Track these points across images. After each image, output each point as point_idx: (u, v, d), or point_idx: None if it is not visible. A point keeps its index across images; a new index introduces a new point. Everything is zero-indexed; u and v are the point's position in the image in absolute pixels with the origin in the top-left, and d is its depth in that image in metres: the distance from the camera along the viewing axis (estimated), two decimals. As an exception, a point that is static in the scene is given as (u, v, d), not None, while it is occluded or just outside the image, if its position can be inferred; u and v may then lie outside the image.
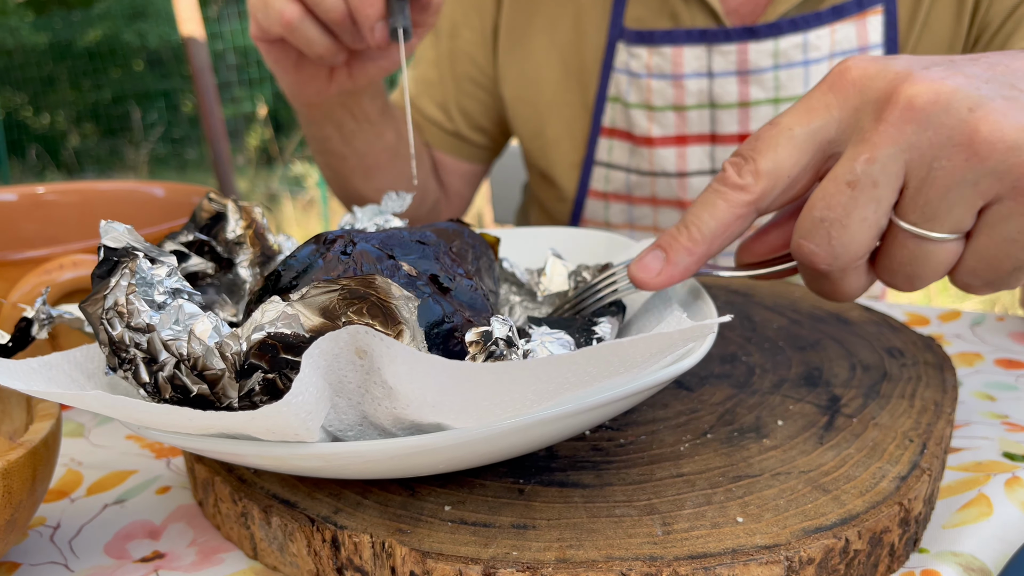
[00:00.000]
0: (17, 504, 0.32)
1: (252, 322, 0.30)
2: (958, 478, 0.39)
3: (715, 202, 0.37)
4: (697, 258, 0.38)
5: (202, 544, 0.38)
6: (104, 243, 0.33)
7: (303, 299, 0.30)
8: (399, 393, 0.28)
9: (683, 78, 0.71)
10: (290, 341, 0.29)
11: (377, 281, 0.30)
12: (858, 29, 0.68)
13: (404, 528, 0.33)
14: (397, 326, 0.30)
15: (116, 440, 0.49)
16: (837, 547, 0.31)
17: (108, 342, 0.31)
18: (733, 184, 0.37)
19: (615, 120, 0.77)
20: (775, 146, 0.36)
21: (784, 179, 0.36)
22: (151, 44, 6.41)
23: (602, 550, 0.31)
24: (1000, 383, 0.50)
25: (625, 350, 0.27)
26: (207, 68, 3.88)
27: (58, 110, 6.69)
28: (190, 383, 0.30)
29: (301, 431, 0.28)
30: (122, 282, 0.32)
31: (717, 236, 0.37)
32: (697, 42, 0.70)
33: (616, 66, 0.75)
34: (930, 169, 0.33)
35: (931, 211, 0.33)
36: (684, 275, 0.38)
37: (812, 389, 0.43)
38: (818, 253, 0.36)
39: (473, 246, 0.41)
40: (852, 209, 0.34)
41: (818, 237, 0.35)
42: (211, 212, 0.43)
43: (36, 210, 0.66)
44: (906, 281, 0.37)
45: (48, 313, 0.37)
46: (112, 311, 0.31)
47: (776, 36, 0.68)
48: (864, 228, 0.35)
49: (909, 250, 0.35)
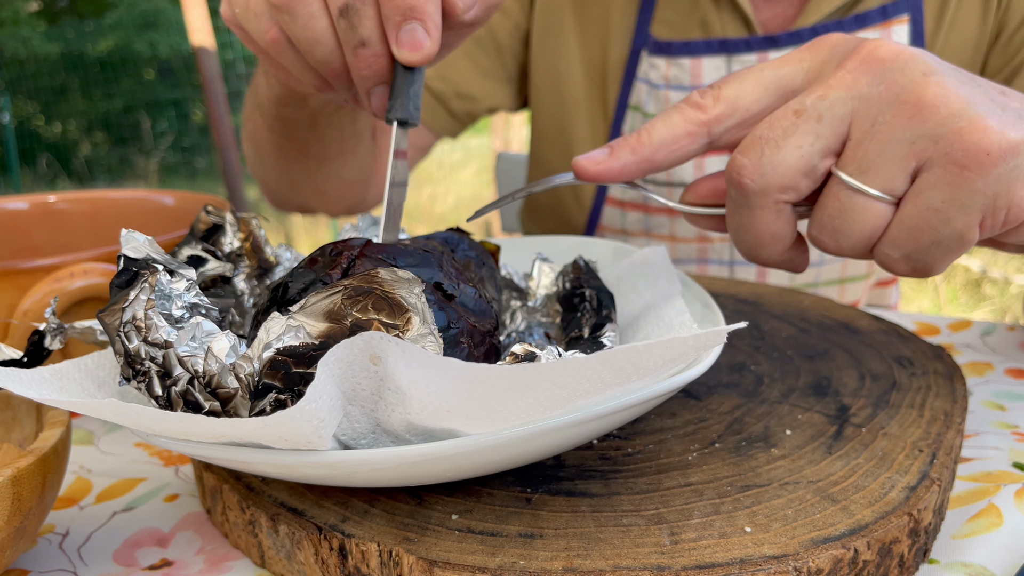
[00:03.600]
0: (27, 511, 0.32)
1: (259, 341, 0.30)
2: (968, 488, 0.39)
3: (671, 115, 0.39)
4: (639, 160, 0.39)
5: (210, 552, 0.38)
6: (124, 253, 0.34)
7: (303, 309, 0.30)
8: (413, 398, 0.28)
9: None
10: (299, 352, 0.29)
11: (380, 274, 0.30)
12: (883, 37, 0.68)
13: (411, 537, 0.33)
14: (405, 314, 0.29)
15: (125, 448, 0.49)
16: (846, 557, 0.31)
17: (124, 353, 0.31)
18: (693, 103, 0.39)
19: (634, 129, 0.77)
20: (742, 79, 0.38)
21: (741, 110, 0.38)
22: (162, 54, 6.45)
23: (609, 559, 0.30)
24: (1010, 393, 0.50)
25: (640, 355, 0.27)
26: (217, 77, 3.90)
27: (69, 119, 6.73)
28: (203, 399, 0.30)
29: (313, 439, 0.28)
30: (141, 296, 0.32)
31: (664, 145, 0.39)
32: (717, 52, 0.70)
33: (638, 75, 0.75)
34: (874, 123, 0.34)
35: (867, 163, 0.35)
36: (623, 172, 0.39)
37: (821, 398, 0.43)
38: (747, 166, 0.37)
39: (474, 256, 0.41)
40: (791, 133, 0.36)
41: (752, 152, 0.36)
42: (208, 224, 0.43)
43: (47, 219, 0.67)
44: (831, 237, 0.37)
45: (59, 323, 0.37)
46: (130, 324, 0.31)
47: (797, 44, 0.68)
48: (796, 155, 0.36)
49: (841, 202, 0.36)
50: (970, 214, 0.34)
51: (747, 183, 0.37)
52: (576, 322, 0.42)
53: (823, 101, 0.35)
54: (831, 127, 0.35)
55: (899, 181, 0.34)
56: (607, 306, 0.41)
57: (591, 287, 0.43)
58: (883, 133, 0.34)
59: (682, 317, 0.40)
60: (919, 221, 0.35)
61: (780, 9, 0.71)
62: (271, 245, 0.44)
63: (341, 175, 0.74)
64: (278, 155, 0.72)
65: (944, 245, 0.35)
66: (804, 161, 0.36)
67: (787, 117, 0.36)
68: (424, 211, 4.66)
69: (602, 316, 0.41)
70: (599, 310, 0.41)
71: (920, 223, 0.35)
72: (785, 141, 0.35)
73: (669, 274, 0.45)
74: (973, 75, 0.35)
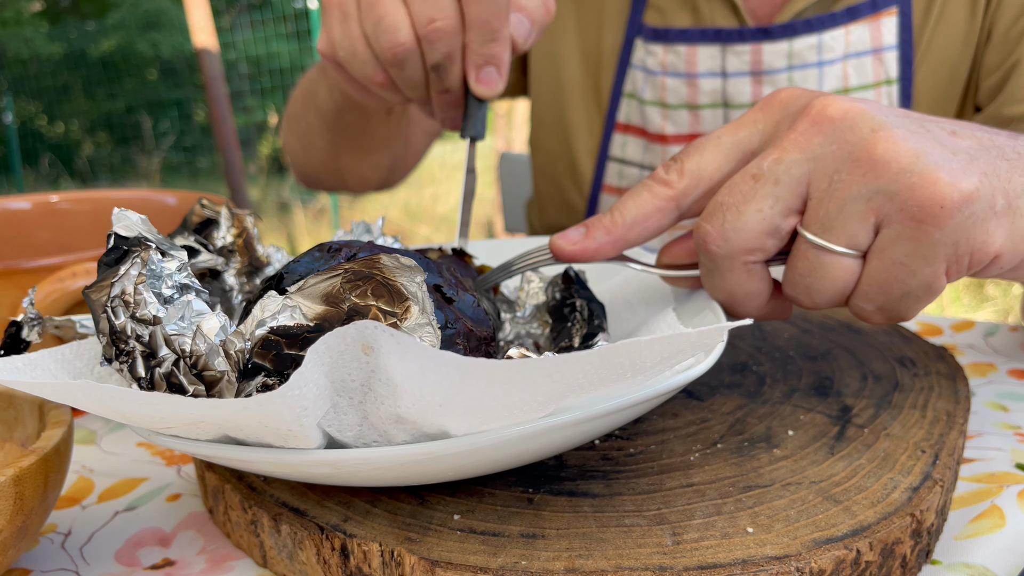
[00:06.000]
0: (29, 511, 0.32)
1: (253, 318, 0.29)
2: (970, 489, 0.39)
3: (640, 193, 0.40)
4: (613, 239, 0.40)
5: (212, 552, 0.38)
6: (115, 231, 0.33)
7: (301, 291, 0.29)
8: (404, 391, 0.27)
9: (697, 77, 0.72)
10: (293, 332, 0.28)
11: (382, 260, 0.29)
12: (872, 30, 0.68)
13: (413, 537, 0.33)
14: (404, 303, 0.29)
15: (127, 447, 0.49)
16: (848, 558, 0.31)
17: (109, 331, 0.30)
18: (660, 179, 0.40)
19: (630, 116, 0.77)
20: (702, 150, 0.39)
21: (706, 180, 0.39)
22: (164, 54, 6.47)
23: (611, 560, 0.30)
24: (1013, 394, 0.50)
25: (640, 351, 0.27)
26: (220, 77, 3.91)
27: (72, 119, 6.75)
28: (187, 383, 0.29)
29: (295, 426, 0.27)
30: (131, 271, 0.31)
31: (636, 223, 0.40)
32: (712, 41, 0.71)
33: (633, 62, 0.75)
34: (831, 182, 0.35)
35: (829, 222, 0.35)
36: (598, 252, 0.41)
37: (823, 399, 0.43)
38: (711, 233, 0.37)
39: (473, 276, 0.42)
40: (751, 198, 0.36)
41: (715, 219, 0.37)
42: (202, 217, 0.42)
43: (49, 218, 0.67)
44: (805, 294, 0.38)
45: (36, 314, 0.36)
46: (118, 299, 0.30)
47: (791, 37, 0.68)
48: (758, 219, 0.36)
49: (809, 261, 0.37)
50: (934, 264, 0.35)
51: (713, 249, 0.38)
52: (566, 332, 0.42)
53: (779, 164, 0.36)
54: (789, 188, 0.36)
55: (862, 237, 0.35)
56: (599, 316, 0.41)
57: (582, 298, 0.43)
58: (840, 191, 0.35)
59: (675, 328, 0.40)
60: (887, 275, 0.36)
61: None
62: (263, 245, 0.44)
63: (379, 162, 0.84)
64: (329, 149, 0.81)
65: (914, 296, 0.36)
66: (766, 223, 0.36)
67: (746, 182, 0.37)
68: (426, 211, 4.66)
69: (593, 326, 0.41)
70: (590, 320, 0.41)
71: (888, 277, 0.36)
72: (746, 206, 0.36)
73: (662, 290, 0.45)
74: (923, 118, 0.36)
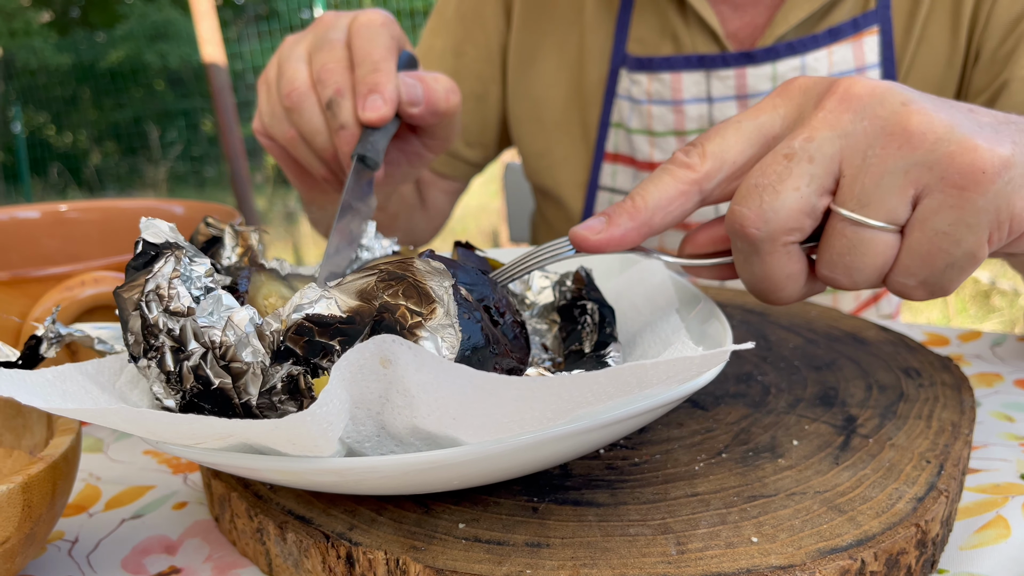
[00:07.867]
0: (37, 518, 0.32)
1: (291, 303, 0.31)
2: (976, 499, 0.39)
3: (662, 177, 0.39)
4: (637, 225, 0.39)
5: (218, 560, 0.38)
6: (144, 237, 0.34)
7: (340, 286, 0.32)
8: (420, 402, 0.28)
9: (683, 103, 0.72)
10: (326, 321, 0.31)
11: (415, 263, 0.31)
12: (855, 50, 0.68)
13: (418, 545, 0.33)
14: (431, 304, 0.31)
15: (134, 455, 0.49)
16: (853, 568, 0.31)
17: (140, 327, 0.32)
18: (681, 163, 0.39)
19: (618, 146, 0.78)
20: (723, 133, 0.39)
21: (728, 164, 0.38)
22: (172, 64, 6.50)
23: (616, 569, 0.30)
24: (1019, 404, 0.50)
25: (646, 372, 0.28)
26: (227, 88, 3.93)
27: (80, 129, 6.79)
28: (212, 375, 0.31)
29: (321, 442, 0.28)
30: (166, 269, 0.33)
31: (660, 208, 0.38)
32: (696, 68, 0.71)
33: (619, 92, 0.76)
34: (864, 157, 0.35)
35: (866, 198, 0.35)
36: (623, 240, 0.39)
37: (828, 409, 0.43)
38: (748, 216, 0.37)
39: (486, 268, 0.42)
40: (786, 177, 0.36)
41: (751, 201, 0.36)
42: (208, 236, 0.43)
43: (58, 227, 0.67)
44: (845, 274, 0.37)
45: (57, 332, 0.37)
46: (153, 294, 0.32)
47: (774, 60, 0.69)
48: (795, 198, 0.36)
49: (847, 238, 0.36)
50: (978, 232, 0.35)
51: (752, 232, 0.37)
52: (576, 335, 0.42)
53: (811, 143, 0.35)
54: (823, 166, 0.36)
55: (901, 210, 0.35)
56: (610, 323, 0.42)
57: (592, 299, 0.43)
58: (876, 166, 0.35)
59: (679, 334, 0.40)
60: (930, 247, 0.35)
61: (748, 19, 0.72)
62: (267, 259, 0.44)
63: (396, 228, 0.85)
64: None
65: (958, 266, 0.36)
66: (804, 202, 0.36)
67: (779, 162, 0.36)
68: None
69: (605, 334, 0.41)
70: (601, 326, 0.41)
71: (931, 248, 0.35)
72: (782, 185, 0.36)
73: (667, 292, 0.45)
74: (943, 98, 0.36)
